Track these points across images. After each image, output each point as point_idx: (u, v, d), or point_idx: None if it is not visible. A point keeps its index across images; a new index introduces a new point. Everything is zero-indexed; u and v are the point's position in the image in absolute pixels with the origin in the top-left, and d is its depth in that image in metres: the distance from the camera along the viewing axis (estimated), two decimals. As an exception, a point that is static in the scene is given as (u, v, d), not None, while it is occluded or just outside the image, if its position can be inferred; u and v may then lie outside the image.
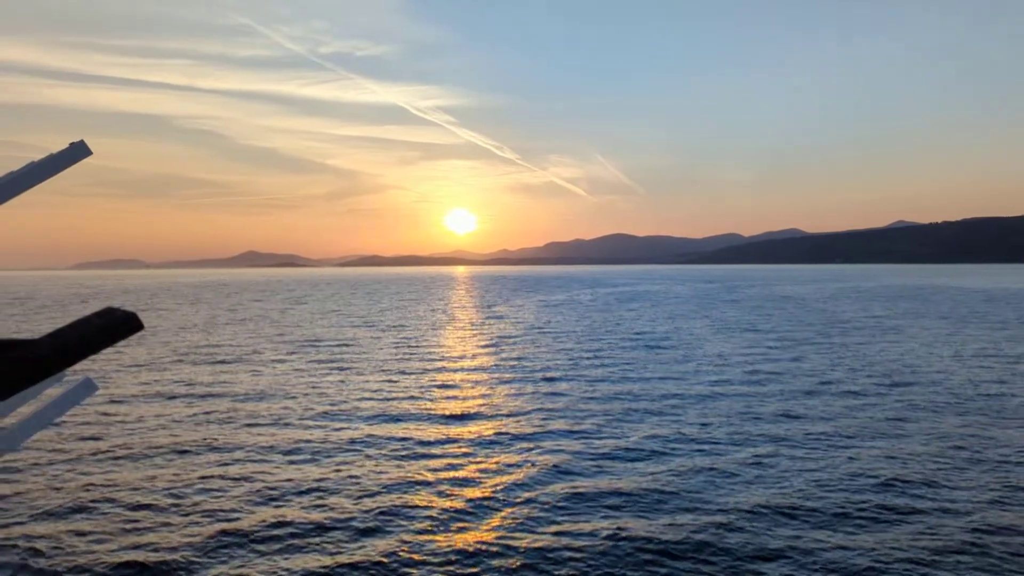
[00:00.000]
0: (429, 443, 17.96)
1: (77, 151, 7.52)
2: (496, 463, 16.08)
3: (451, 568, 10.73)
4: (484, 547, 11.44)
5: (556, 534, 11.91)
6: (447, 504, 13.45)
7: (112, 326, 6.21)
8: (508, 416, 20.88)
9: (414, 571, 10.66)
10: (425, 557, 11.11)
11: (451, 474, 15.31)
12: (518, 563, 10.86)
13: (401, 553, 11.26)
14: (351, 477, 15.08)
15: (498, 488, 14.32)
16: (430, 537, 11.88)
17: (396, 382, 27.20)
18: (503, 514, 12.89)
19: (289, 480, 14.90)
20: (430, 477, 15.09)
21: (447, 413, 21.49)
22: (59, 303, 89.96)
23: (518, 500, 13.59)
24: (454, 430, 19.32)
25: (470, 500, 13.68)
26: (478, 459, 16.46)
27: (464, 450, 17.26)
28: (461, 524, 12.45)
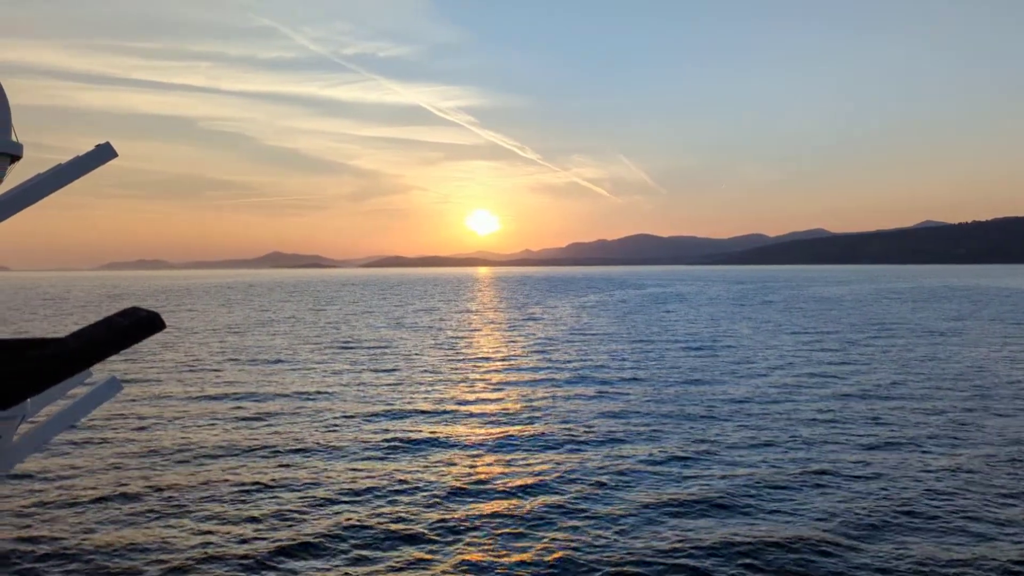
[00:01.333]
0: (496, 448, 16.99)
1: (103, 153, 7.59)
2: (569, 468, 15.02)
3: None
4: (575, 558, 10.40)
5: (665, 548, 10.83)
6: (525, 511, 12.46)
7: (135, 325, 6.16)
8: (574, 421, 19.82)
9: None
10: (510, 569, 10.12)
11: (525, 480, 14.30)
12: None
13: (483, 563, 10.29)
14: (421, 481, 14.14)
15: (579, 495, 13.28)
16: (509, 555, 10.87)
17: (449, 384, 26.30)
18: (593, 523, 11.84)
19: (354, 484, 14.01)
20: (502, 485, 14.09)
21: (508, 417, 20.52)
22: (92, 303, 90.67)
23: (609, 509, 12.52)
24: (520, 432, 18.32)
25: (551, 507, 12.69)
26: (553, 462, 15.43)
27: (534, 455, 16.24)
28: (545, 534, 11.42)
